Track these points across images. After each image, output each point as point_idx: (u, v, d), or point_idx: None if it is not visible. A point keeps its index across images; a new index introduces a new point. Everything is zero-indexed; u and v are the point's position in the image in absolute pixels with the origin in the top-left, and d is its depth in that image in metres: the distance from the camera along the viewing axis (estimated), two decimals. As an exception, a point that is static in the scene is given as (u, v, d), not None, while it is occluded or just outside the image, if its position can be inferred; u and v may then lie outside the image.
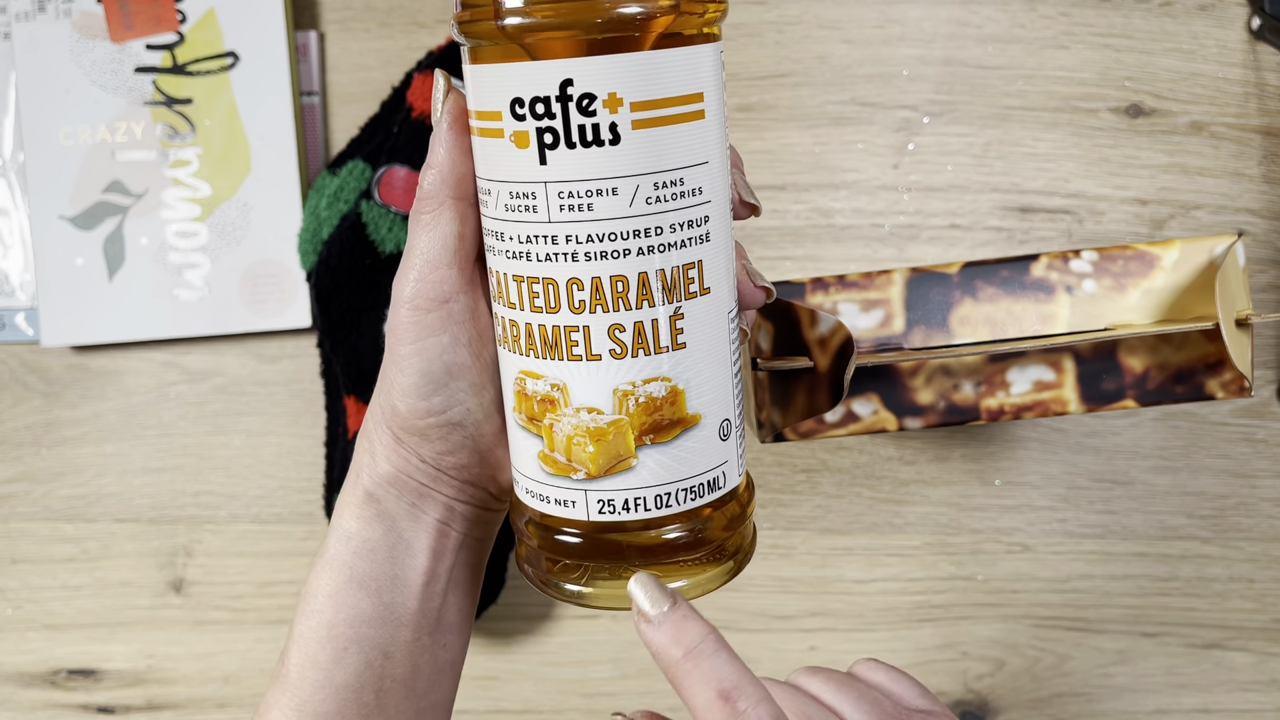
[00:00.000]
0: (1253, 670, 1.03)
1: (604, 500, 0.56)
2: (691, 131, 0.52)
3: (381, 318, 0.99)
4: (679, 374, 0.55)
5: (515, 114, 0.50)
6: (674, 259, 0.53)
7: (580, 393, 0.54)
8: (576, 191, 0.51)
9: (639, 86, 0.50)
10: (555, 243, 0.52)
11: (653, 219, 0.52)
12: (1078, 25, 0.99)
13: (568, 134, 0.50)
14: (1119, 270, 0.78)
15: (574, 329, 0.53)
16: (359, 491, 0.61)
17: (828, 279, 0.79)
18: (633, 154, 0.51)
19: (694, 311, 0.54)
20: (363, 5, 1.02)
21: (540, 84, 0.50)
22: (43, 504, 1.06)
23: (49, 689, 1.08)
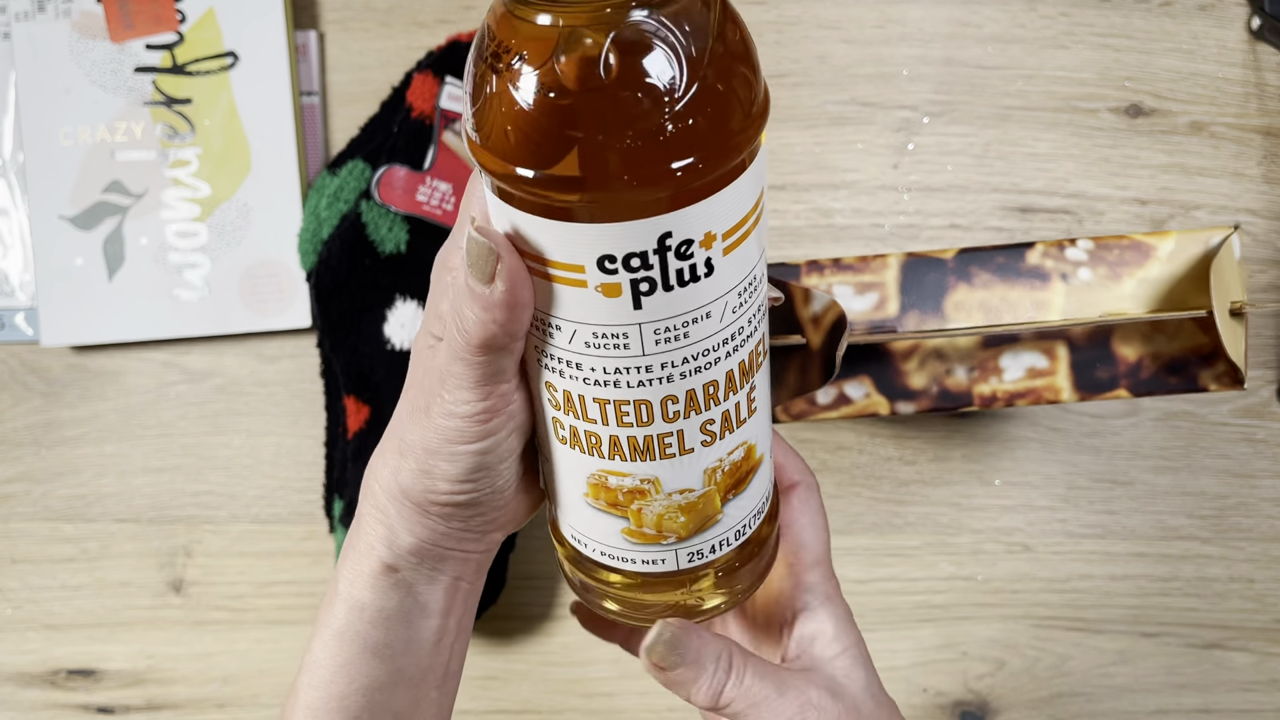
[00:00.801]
0: (1253, 670, 1.03)
1: (692, 552, 0.58)
2: (760, 226, 0.51)
3: (382, 318, 0.99)
4: (752, 434, 0.57)
5: (604, 269, 0.47)
6: (750, 345, 0.53)
7: (672, 482, 0.55)
8: (673, 325, 0.49)
9: (730, 216, 0.48)
10: (649, 370, 0.51)
11: (738, 321, 0.52)
12: (1078, 25, 0.99)
13: (665, 280, 0.48)
14: (1114, 259, 0.78)
15: (667, 435, 0.53)
16: (374, 563, 0.59)
17: (823, 261, 0.78)
18: (724, 277, 0.49)
19: (760, 379, 0.56)
20: (363, 5, 1.02)
21: (636, 241, 0.46)
22: (42, 504, 1.06)
23: (49, 689, 1.08)
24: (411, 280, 0.99)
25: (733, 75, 0.45)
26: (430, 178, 0.97)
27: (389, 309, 0.99)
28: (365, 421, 1.00)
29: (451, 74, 0.97)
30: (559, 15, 0.43)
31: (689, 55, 0.43)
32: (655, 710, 1.05)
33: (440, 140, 0.97)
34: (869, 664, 0.67)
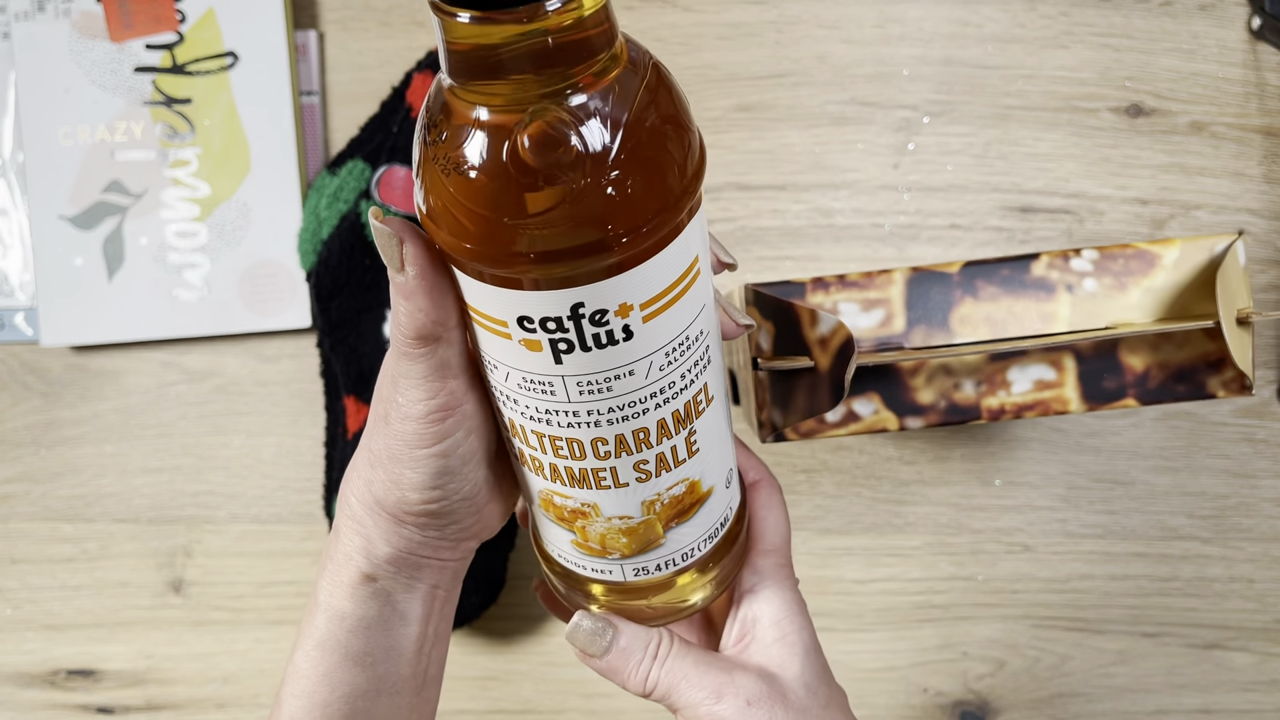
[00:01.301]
0: (1253, 670, 1.03)
1: (638, 568, 0.61)
2: (692, 292, 0.52)
3: (381, 318, 0.99)
4: (695, 472, 0.58)
5: (524, 327, 0.49)
6: (685, 397, 0.55)
7: (610, 508, 0.57)
8: (595, 380, 0.51)
9: (648, 288, 0.49)
10: (576, 415, 0.53)
11: (667, 377, 0.53)
12: (1078, 25, 0.99)
13: (582, 342, 0.49)
14: (1120, 269, 0.77)
15: (601, 470, 0.55)
16: (352, 572, 0.60)
17: (828, 279, 0.78)
18: (646, 340, 0.51)
19: (704, 424, 0.57)
20: (362, 5, 1.02)
21: (550, 307, 0.48)
22: (42, 504, 1.06)
23: (48, 689, 1.08)
24: (411, 280, 0.99)
25: (648, 165, 0.46)
26: (430, 177, 0.97)
27: (389, 309, 0.99)
28: (365, 421, 1.00)
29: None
30: (480, 97, 0.45)
31: (598, 147, 0.45)
32: (655, 710, 1.05)
33: (440, 140, 0.97)
34: (811, 653, 0.66)
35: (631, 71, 0.47)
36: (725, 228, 1.01)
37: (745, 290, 0.79)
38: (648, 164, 0.46)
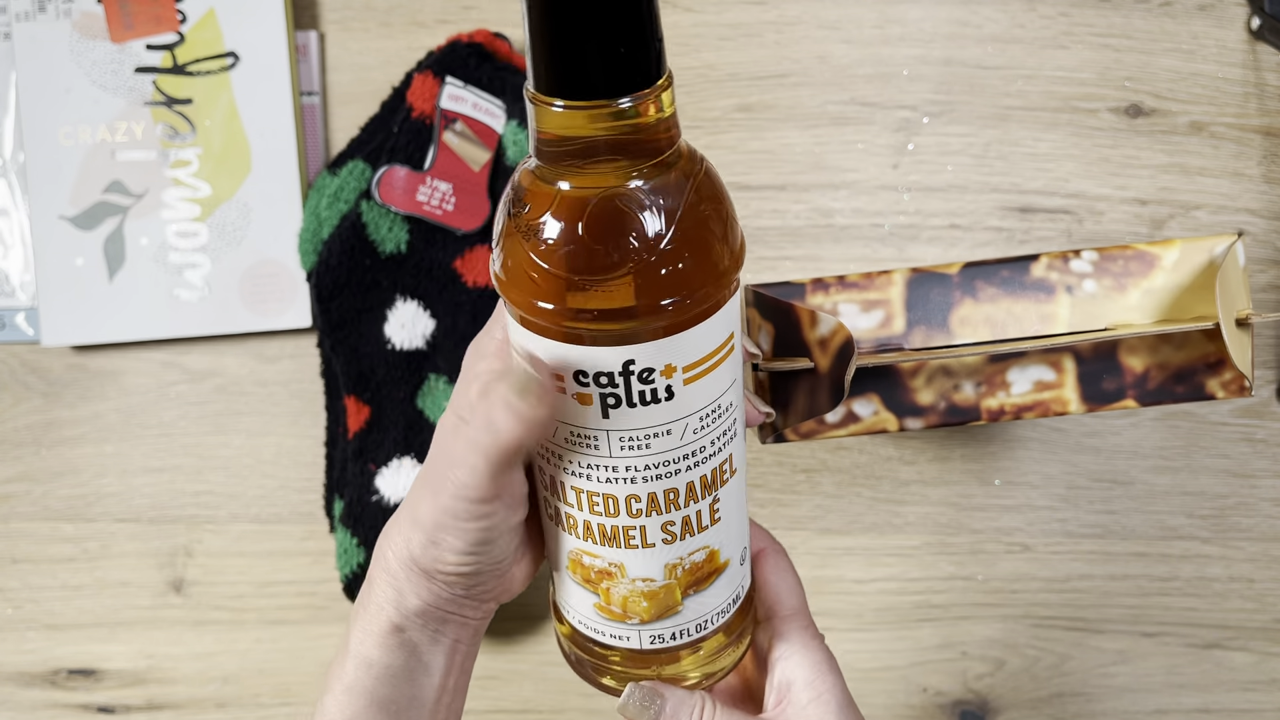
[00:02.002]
0: (1253, 670, 1.03)
1: (655, 635, 0.65)
2: (726, 364, 0.58)
3: (382, 318, 0.99)
4: (715, 540, 0.63)
5: (579, 381, 0.55)
6: (713, 464, 0.60)
7: (635, 569, 0.62)
8: (636, 436, 0.57)
9: (692, 353, 0.56)
10: (615, 470, 0.58)
11: (699, 441, 0.59)
12: (1078, 25, 0.99)
13: (629, 398, 0.55)
14: (1119, 270, 0.78)
15: (631, 528, 0.60)
16: (383, 623, 0.63)
17: (828, 279, 0.79)
18: (685, 403, 0.57)
19: (726, 494, 0.62)
20: (363, 5, 1.02)
21: (604, 363, 0.54)
22: (43, 504, 1.06)
23: (49, 689, 1.08)
24: (412, 280, 0.99)
25: (698, 245, 0.54)
26: (430, 178, 0.97)
27: (389, 309, 0.99)
28: (365, 421, 1.00)
29: (451, 74, 0.97)
30: (562, 176, 0.52)
31: (657, 226, 0.52)
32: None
33: (440, 140, 0.97)
34: (844, 708, 0.68)
35: (689, 168, 0.55)
36: (725, 228, 1.01)
37: (745, 291, 0.80)
38: (697, 244, 0.54)
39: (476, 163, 0.97)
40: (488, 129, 0.97)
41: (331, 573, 1.05)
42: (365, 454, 1.00)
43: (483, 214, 0.98)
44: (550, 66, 0.50)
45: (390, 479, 0.99)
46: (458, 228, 0.97)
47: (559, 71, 0.50)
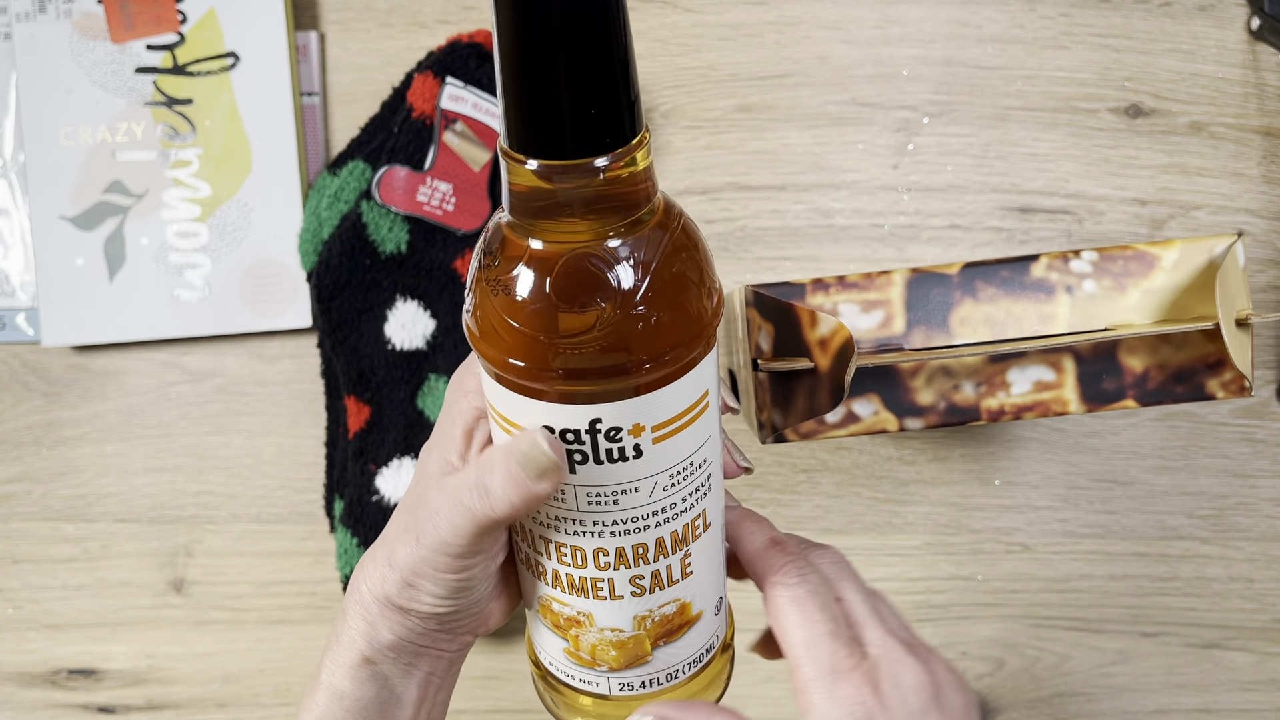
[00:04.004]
0: (1252, 670, 1.03)
1: (624, 683, 0.65)
2: (700, 423, 0.57)
3: (382, 318, 0.99)
4: (687, 593, 0.62)
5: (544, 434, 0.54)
6: (685, 519, 0.59)
7: (604, 619, 0.61)
8: (604, 492, 0.56)
9: (661, 413, 0.54)
10: (582, 524, 0.57)
11: (669, 498, 0.58)
12: (1077, 25, 0.99)
13: (595, 455, 0.55)
14: (1119, 270, 0.78)
15: (599, 580, 0.60)
16: (354, 655, 0.63)
17: (828, 280, 0.79)
18: (653, 461, 0.56)
19: (699, 549, 0.61)
20: (363, 5, 1.02)
21: (570, 421, 0.53)
22: (43, 504, 1.06)
23: (49, 689, 1.08)
24: (412, 280, 0.99)
25: (670, 306, 0.52)
26: (430, 178, 0.97)
27: (389, 309, 0.99)
28: (366, 421, 1.00)
29: (452, 74, 0.97)
30: (533, 232, 0.51)
31: (628, 287, 0.51)
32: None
33: (440, 140, 0.97)
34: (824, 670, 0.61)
35: (664, 225, 0.53)
36: (725, 228, 1.01)
37: (745, 291, 0.80)
38: (669, 306, 0.52)
39: (477, 163, 0.97)
40: (488, 129, 0.97)
41: (331, 573, 1.05)
42: (365, 454, 1.00)
43: (483, 214, 0.98)
44: (522, 125, 0.49)
45: (390, 479, 0.99)
46: (458, 228, 0.97)
47: (531, 130, 0.49)
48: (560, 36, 0.46)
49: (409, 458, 1.00)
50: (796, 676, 0.60)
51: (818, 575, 0.63)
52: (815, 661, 0.59)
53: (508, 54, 0.47)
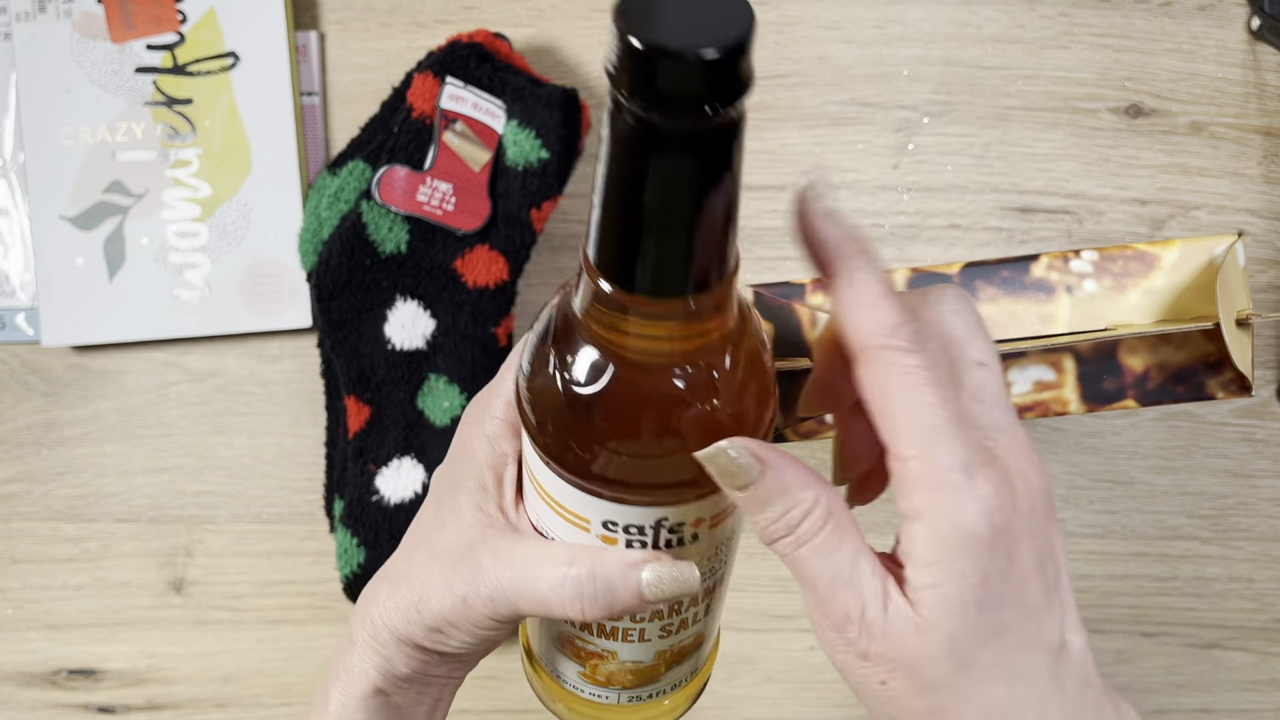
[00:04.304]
0: (1252, 670, 1.03)
1: (634, 696, 0.67)
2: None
3: (382, 318, 0.99)
4: (705, 628, 0.65)
5: (607, 528, 0.55)
6: (716, 576, 0.61)
7: (628, 656, 0.63)
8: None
9: (719, 507, 0.55)
10: None
11: (709, 564, 0.59)
12: (1078, 25, 0.99)
13: (655, 544, 0.55)
14: (1119, 270, 0.78)
15: (631, 629, 0.61)
16: (366, 686, 0.63)
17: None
18: (705, 543, 0.57)
19: (720, 591, 0.63)
20: (363, 5, 1.02)
21: (634, 518, 0.54)
22: (43, 504, 1.06)
23: (49, 689, 1.08)
24: (412, 280, 0.99)
25: (739, 421, 0.52)
26: (430, 178, 0.97)
27: (389, 309, 0.99)
28: (366, 421, 1.00)
29: (452, 74, 0.97)
30: (611, 341, 0.50)
31: (703, 406, 0.50)
32: (656, 709, 1.05)
33: (440, 140, 0.97)
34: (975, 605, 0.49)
35: (740, 335, 0.52)
36: (725, 228, 1.01)
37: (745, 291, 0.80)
38: (741, 421, 0.52)
39: (477, 163, 0.97)
40: (488, 129, 0.97)
41: (332, 573, 1.05)
42: (365, 454, 1.00)
43: (483, 214, 0.98)
44: (625, 264, 0.46)
45: (390, 479, 0.99)
46: (458, 228, 0.97)
47: (629, 269, 0.46)
48: (685, 201, 0.44)
49: (409, 458, 1.00)
50: (908, 469, 0.49)
51: (935, 341, 0.51)
52: (942, 454, 0.48)
53: (626, 203, 0.45)
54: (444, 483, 0.63)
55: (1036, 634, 0.50)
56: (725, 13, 0.41)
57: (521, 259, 0.99)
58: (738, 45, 0.40)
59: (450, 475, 0.63)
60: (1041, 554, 0.50)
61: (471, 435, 0.62)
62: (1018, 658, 0.49)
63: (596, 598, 0.55)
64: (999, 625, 0.49)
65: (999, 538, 0.48)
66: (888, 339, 0.49)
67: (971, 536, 0.48)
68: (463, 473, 0.61)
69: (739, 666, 1.05)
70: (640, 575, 0.55)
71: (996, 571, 0.48)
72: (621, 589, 0.55)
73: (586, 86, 1.02)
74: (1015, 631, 0.49)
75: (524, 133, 0.96)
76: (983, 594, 0.48)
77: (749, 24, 0.40)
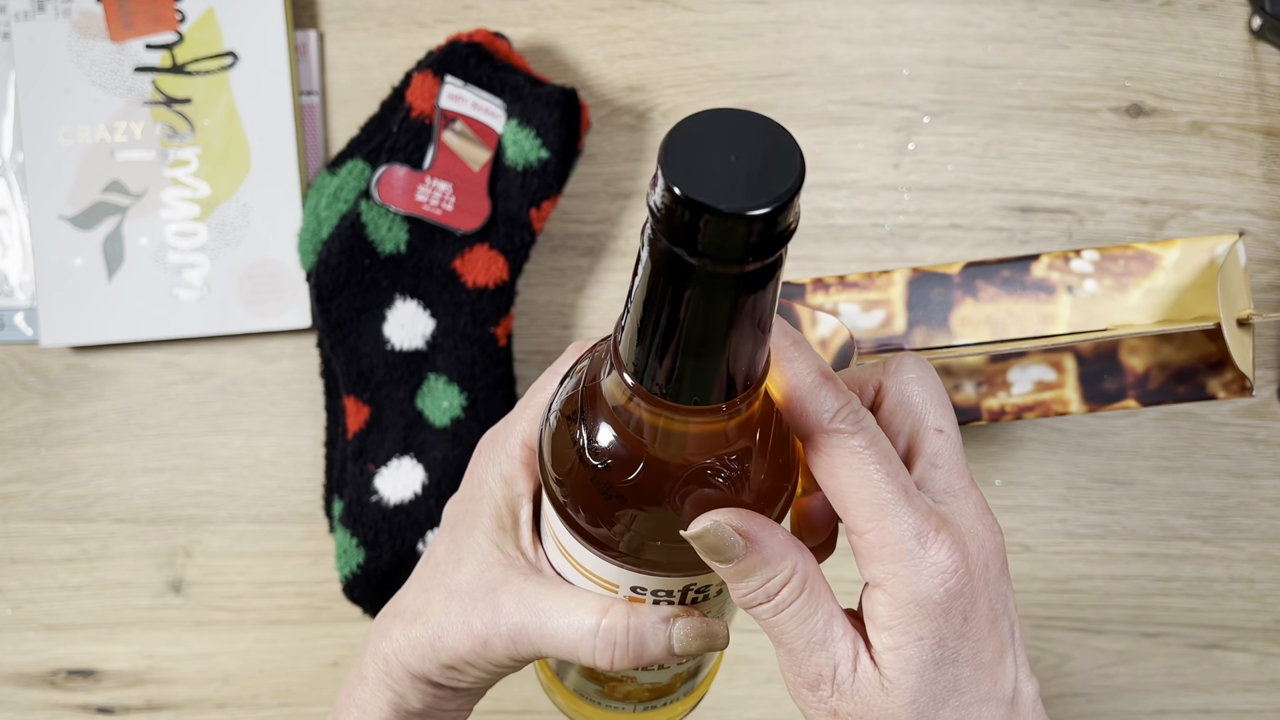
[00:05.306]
0: (1253, 670, 1.03)
1: (648, 706, 0.69)
2: None
3: (381, 318, 0.99)
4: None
5: (635, 592, 0.57)
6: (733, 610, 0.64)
7: (647, 679, 0.66)
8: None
9: None
10: None
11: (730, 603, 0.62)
12: (1078, 25, 0.99)
13: (682, 602, 0.57)
14: (1120, 270, 0.78)
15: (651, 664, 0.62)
16: None
17: (828, 279, 0.79)
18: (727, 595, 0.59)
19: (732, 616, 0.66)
20: (362, 5, 1.02)
21: (663, 585, 0.56)
22: (42, 504, 1.06)
23: (48, 689, 1.08)
24: (411, 280, 0.99)
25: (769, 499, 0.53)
26: (430, 177, 0.97)
27: (389, 309, 0.99)
28: (365, 421, 1.00)
29: (451, 74, 0.97)
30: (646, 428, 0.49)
31: (734, 493, 0.51)
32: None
33: (440, 140, 0.97)
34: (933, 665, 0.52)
35: (768, 414, 0.52)
36: (725, 228, 1.01)
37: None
38: (769, 498, 0.53)
39: (476, 162, 0.97)
40: (487, 128, 0.97)
41: (331, 573, 1.05)
42: (365, 454, 1.00)
43: (482, 214, 0.97)
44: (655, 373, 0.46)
45: (390, 479, 0.99)
46: (457, 227, 0.97)
47: (663, 379, 0.46)
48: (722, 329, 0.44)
49: (408, 458, 0.99)
50: (865, 541, 0.52)
51: (870, 416, 0.52)
52: (893, 526, 0.51)
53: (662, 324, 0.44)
54: (458, 518, 0.63)
55: (992, 689, 0.53)
56: (774, 156, 0.40)
57: (521, 259, 0.99)
58: (786, 203, 0.39)
59: (465, 512, 0.63)
60: (995, 610, 0.53)
61: (486, 472, 0.62)
62: (974, 711, 0.53)
63: (628, 649, 0.57)
64: (956, 683, 0.52)
65: (954, 600, 0.51)
66: (830, 424, 0.51)
67: (927, 601, 0.51)
68: (479, 512, 0.62)
69: (739, 667, 1.05)
70: (672, 631, 0.57)
71: (952, 632, 0.51)
72: (653, 643, 0.57)
73: (586, 86, 1.02)
74: (972, 688, 0.52)
75: (523, 132, 0.96)
76: (939, 654, 0.51)
77: (798, 174, 0.40)
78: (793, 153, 0.40)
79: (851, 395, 0.52)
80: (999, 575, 0.54)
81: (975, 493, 0.55)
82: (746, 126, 0.41)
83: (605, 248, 1.02)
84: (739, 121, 0.41)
